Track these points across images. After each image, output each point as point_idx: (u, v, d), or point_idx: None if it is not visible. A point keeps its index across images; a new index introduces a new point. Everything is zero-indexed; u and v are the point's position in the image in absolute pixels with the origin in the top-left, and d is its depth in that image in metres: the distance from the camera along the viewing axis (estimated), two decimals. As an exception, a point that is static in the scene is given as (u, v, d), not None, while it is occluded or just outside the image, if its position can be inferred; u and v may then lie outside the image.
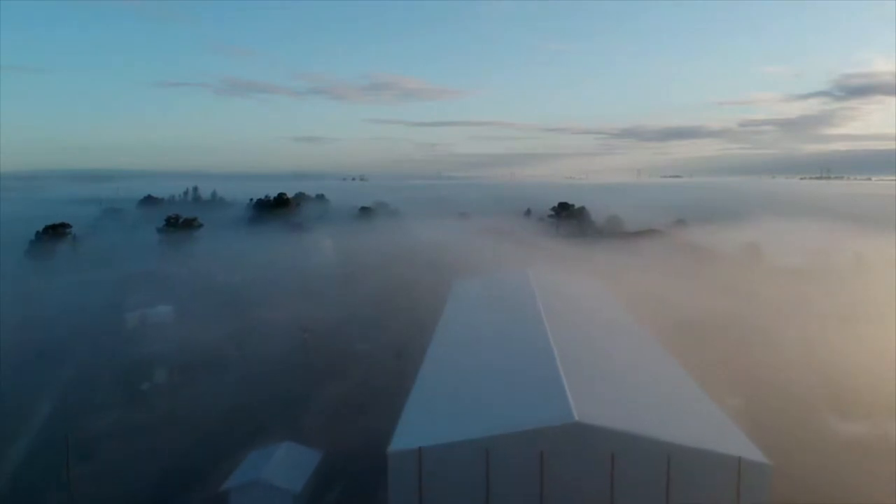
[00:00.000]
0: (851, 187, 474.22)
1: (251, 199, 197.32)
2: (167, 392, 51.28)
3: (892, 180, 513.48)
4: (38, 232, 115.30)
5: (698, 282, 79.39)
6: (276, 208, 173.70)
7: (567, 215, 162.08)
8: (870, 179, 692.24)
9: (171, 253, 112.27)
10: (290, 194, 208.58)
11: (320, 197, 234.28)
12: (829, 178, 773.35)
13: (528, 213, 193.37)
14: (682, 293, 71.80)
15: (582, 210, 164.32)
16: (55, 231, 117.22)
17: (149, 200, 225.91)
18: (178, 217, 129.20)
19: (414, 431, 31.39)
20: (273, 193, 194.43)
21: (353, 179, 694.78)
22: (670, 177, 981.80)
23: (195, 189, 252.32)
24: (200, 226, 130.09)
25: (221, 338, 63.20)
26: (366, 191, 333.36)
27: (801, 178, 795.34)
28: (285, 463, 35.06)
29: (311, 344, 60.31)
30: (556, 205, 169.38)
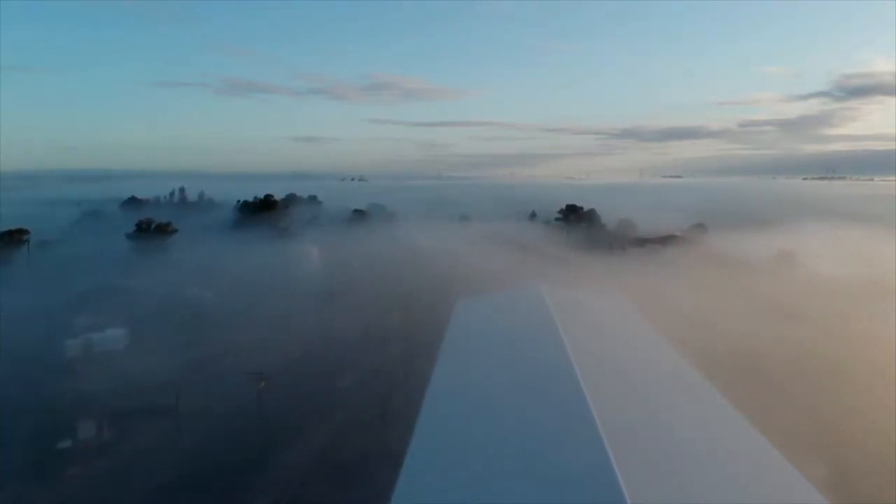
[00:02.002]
0: (859, 188, 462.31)
1: (238, 201, 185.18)
2: (90, 455, 40.04)
3: (894, 181, 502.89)
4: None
5: (742, 300, 67.95)
6: (261, 211, 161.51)
7: (576, 219, 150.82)
8: (872, 180, 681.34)
9: (136, 263, 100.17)
10: (283, 195, 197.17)
11: (312, 198, 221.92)
12: (832, 178, 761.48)
13: (532, 215, 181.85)
14: (728, 315, 60.47)
15: (592, 213, 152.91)
16: (11, 237, 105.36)
17: (132, 202, 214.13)
18: (151, 222, 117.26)
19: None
20: (269, 194, 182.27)
21: (353, 180, 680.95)
22: (671, 177, 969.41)
23: (181, 190, 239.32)
24: (175, 231, 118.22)
25: (172, 374, 51.96)
26: (363, 191, 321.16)
27: (804, 179, 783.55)
28: None
29: (268, 395, 48.42)
30: (562, 207, 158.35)
